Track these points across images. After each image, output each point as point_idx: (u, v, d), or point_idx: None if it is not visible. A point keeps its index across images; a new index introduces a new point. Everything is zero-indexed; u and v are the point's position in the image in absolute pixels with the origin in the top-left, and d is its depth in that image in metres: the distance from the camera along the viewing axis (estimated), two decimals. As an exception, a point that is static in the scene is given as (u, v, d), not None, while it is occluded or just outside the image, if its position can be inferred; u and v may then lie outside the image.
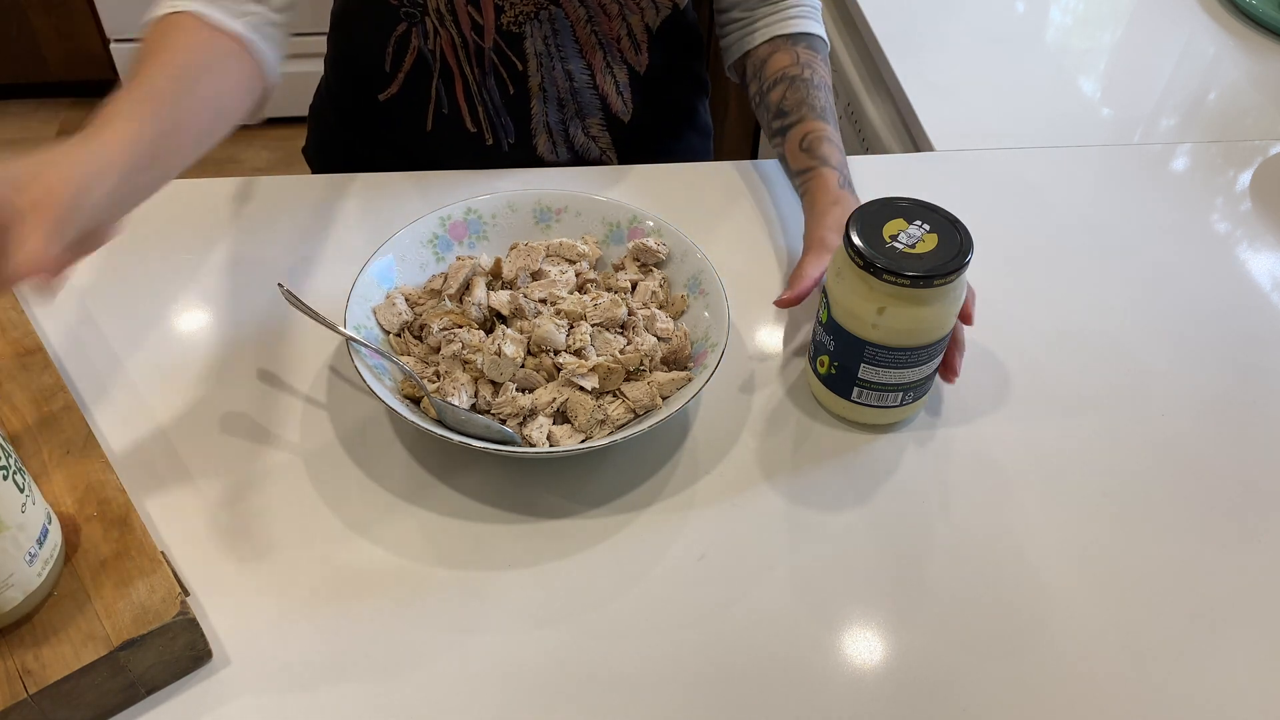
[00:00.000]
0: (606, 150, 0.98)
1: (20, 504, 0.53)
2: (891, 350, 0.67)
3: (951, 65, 1.11)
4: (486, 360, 0.69)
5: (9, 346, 0.70)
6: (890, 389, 0.70)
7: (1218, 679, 0.61)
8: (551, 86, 0.92)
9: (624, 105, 0.95)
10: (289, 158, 2.38)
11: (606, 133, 0.97)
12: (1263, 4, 1.21)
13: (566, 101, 0.93)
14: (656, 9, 0.91)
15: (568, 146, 0.96)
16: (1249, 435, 0.75)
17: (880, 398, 0.70)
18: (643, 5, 0.90)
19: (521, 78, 0.91)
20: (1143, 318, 0.83)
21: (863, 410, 0.72)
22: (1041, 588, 0.65)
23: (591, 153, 0.98)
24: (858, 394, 0.70)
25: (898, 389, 0.70)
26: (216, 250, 0.84)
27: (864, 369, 0.69)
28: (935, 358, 0.69)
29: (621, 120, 0.96)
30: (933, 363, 0.70)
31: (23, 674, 0.53)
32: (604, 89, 0.93)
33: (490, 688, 0.59)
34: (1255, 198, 0.96)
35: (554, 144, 0.95)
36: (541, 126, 0.94)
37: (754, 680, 0.60)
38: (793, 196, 0.92)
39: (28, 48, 2.35)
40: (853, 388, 0.70)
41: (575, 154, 0.97)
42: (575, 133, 0.95)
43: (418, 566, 0.64)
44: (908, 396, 0.71)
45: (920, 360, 0.68)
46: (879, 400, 0.70)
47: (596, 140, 0.97)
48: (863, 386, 0.70)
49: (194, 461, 0.69)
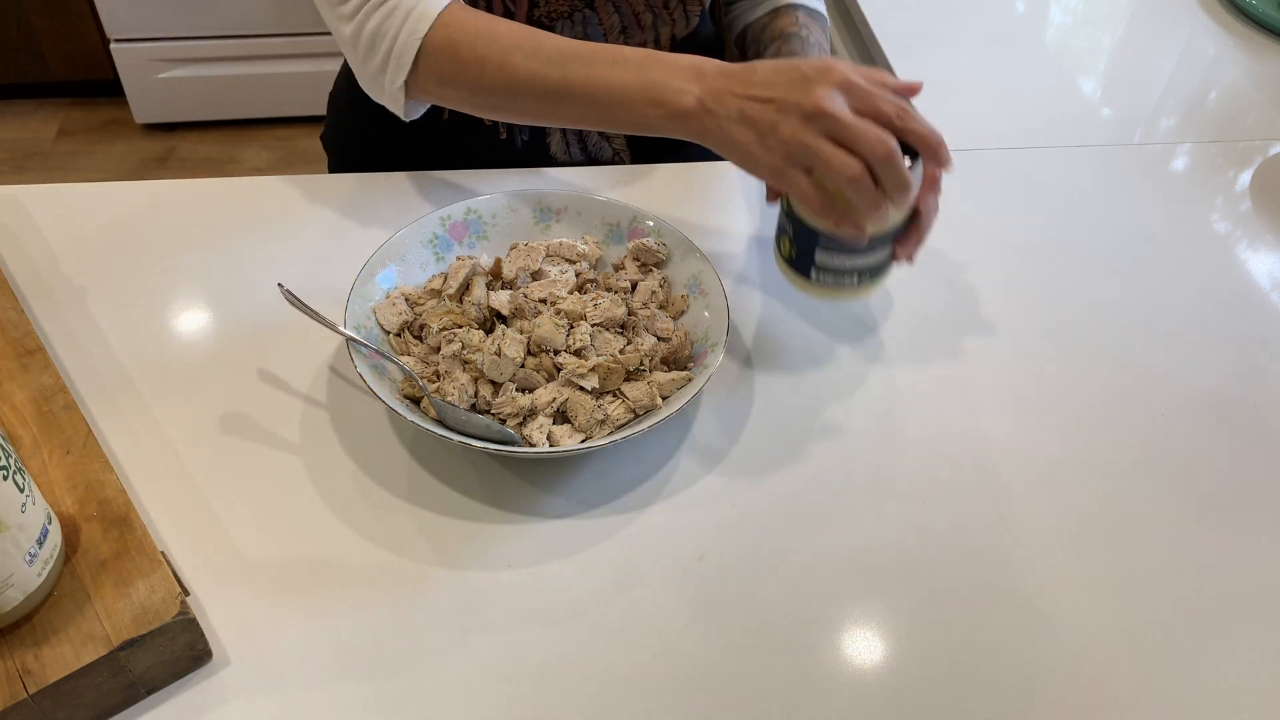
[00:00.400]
0: (620, 151, 0.98)
1: (20, 504, 0.53)
2: (842, 238, 0.71)
3: (951, 65, 1.11)
4: (486, 360, 0.69)
5: (9, 346, 0.70)
6: (845, 272, 0.73)
7: (1218, 679, 0.61)
8: None
9: None
10: (289, 157, 2.39)
11: (622, 135, 0.97)
12: (1263, 4, 1.21)
13: None
14: (687, 19, 0.92)
15: (581, 146, 0.97)
16: (1249, 435, 0.75)
17: (836, 279, 0.73)
18: (674, 16, 0.91)
19: None
20: (1143, 318, 0.83)
21: (821, 289, 0.75)
22: (1041, 587, 0.65)
23: (604, 153, 0.98)
24: (815, 275, 0.74)
25: (852, 272, 0.73)
26: (216, 250, 0.84)
27: (819, 254, 0.72)
28: (885, 246, 0.72)
29: None
30: (883, 250, 0.72)
31: (23, 674, 0.53)
32: None
33: (490, 688, 0.59)
34: (1255, 198, 0.96)
35: (567, 143, 0.96)
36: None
37: (754, 680, 0.60)
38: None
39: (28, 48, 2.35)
40: (810, 269, 0.74)
41: (588, 154, 0.97)
42: (589, 132, 0.96)
43: (418, 566, 0.64)
44: (864, 278, 0.74)
45: (870, 248, 0.71)
46: (835, 281, 0.74)
47: (611, 141, 0.97)
48: (819, 269, 0.73)
49: (194, 461, 0.69)
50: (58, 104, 2.51)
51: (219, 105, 2.41)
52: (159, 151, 2.42)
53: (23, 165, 2.37)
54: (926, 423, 0.74)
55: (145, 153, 2.41)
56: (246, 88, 2.37)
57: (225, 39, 2.28)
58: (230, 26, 2.26)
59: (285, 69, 2.34)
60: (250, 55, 2.31)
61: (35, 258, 0.82)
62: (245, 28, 2.26)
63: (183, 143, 2.44)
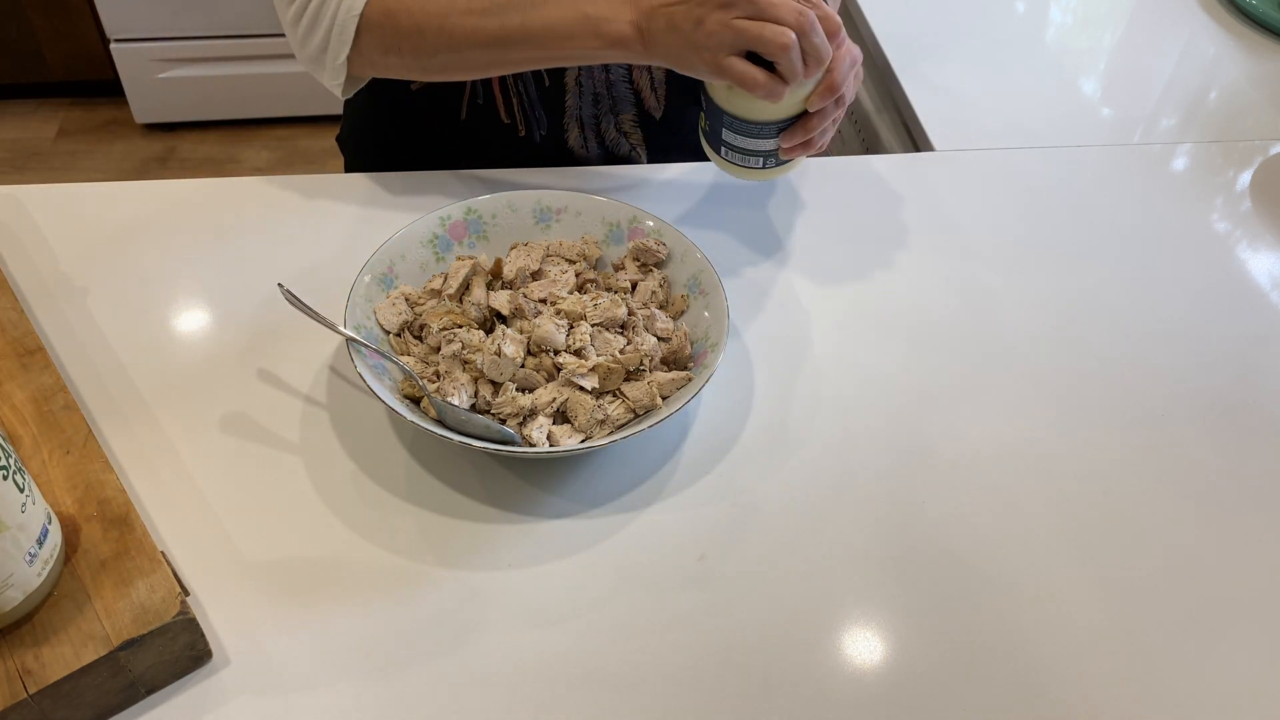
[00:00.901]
0: (637, 146, 0.99)
1: (20, 504, 0.53)
2: (742, 121, 0.76)
3: (951, 65, 1.11)
4: (486, 360, 0.69)
5: (9, 346, 0.70)
6: (750, 153, 0.78)
7: (1218, 679, 0.61)
8: (588, 80, 0.93)
9: (656, 102, 0.96)
10: (289, 158, 2.39)
11: (638, 129, 0.97)
12: (1263, 4, 1.21)
13: (601, 96, 0.94)
14: None
15: (598, 141, 0.97)
16: (1249, 435, 0.75)
17: (743, 158, 0.79)
18: None
19: (559, 70, 0.91)
20: (1142, 317, 0.83)
21: (730, 166, 0.80)
22: (1042, 587, 0.65)
23: (621, 148, 0.98)
24: (725, 152, 0.79)
25: (756, 154, 0.78)
26: (216, 250, 0.84)
27: (726, 134, 0.78)
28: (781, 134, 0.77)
29: (653, 117, 0.97)
30: (782, 138, 0.77)
31: (23, 674, 0.53)
32: (639, 84, 0.94)
33: (490, 688, 0.59)
34: (1255, 198, 0.96)
35: (585, 138, 0.96)
36: (574, 120, 0.95)
37: (754, 680, 0.60)
38: (793, 196, 0.92)
39: (28, 48, 2.34)
40: (721, 147, 0.79)
41: (605, 148, 0.98)
42: (607, 128, 0.96)
43: (418, 566, 0.64)
44: (768, 161, 0.79)
45: (768, 134, 0.76)
46: (742, 160, 0.79)
47: (628, 136, 0.98)
48: (728, 147, 0.79)
49: (194, 461, 0.69)
50: (58, 104, 2.51)
51: (219, 105, 2.41)
52: (159, 151, 2.42)
53: (23, 165, 2.37)
54: (926, 423, 0.74)
55: (145, 153, 2.41)
56: (246, 88, 2.37)
57: (225, 39, 2.28)
58: (230, 26, 2.26)
59: (285, 69, 2.35)
60: (250, 55, 2.31)
61: (35, 258, 0.82)
62: (245, 28, 2.26)
63: (183, 143, 2.44)
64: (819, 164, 0.97)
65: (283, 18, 0.82)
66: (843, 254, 0.87)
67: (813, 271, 0.86)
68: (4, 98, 2.52)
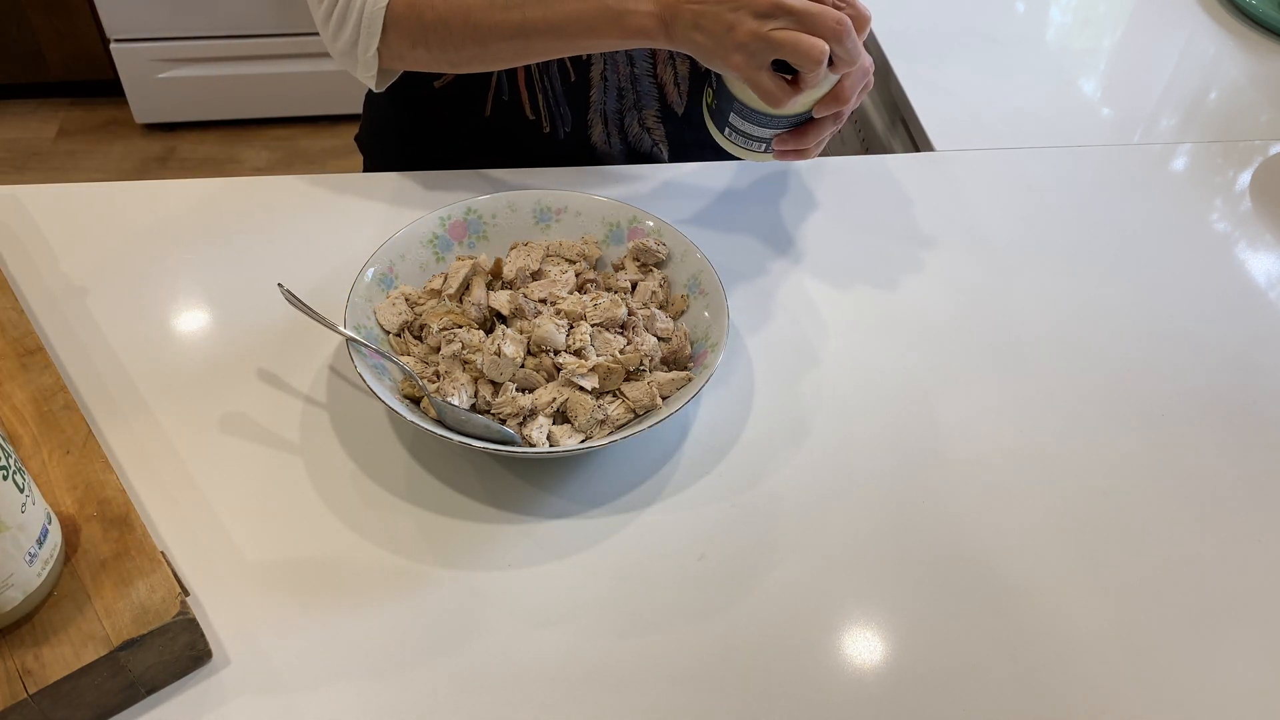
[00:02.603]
0: (659, 142, 0.99)
1: (20, 504, 0.53)
2: (752, 110, 0.75)
3: (951, 65, 1.11)
4: (486, 360, 0.69)
5: (9, 346, 0.70)
6: (754, 139, 0.78)
7: (1218, 679, 0.61)
8: (613, 74, 0.93)
9: (679, 97, 0.96)
10: (289, 157, 2.38)
11: (661, 125, 0.98)
12: (1263, 4, 1.21)
13: (626, 91, 0.94)
14: None
15: (621, 137, 0.97)
16: (1249, 435, 0.75)
17: (746, 141, 0.78)
18: None
19: (584, 65, 0.92)
20: (1142, 317, 0.83)
21: (732, 145, 0.79)
22: (1041, 588, 0.65)
23: (644, 144, 0.98)
24: (728, 133, 0.79)
25: (760, 140, 0.78)
26: (216, 250, 0.84)
27: (733, 118, 0.77)
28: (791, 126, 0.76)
29: (676, 113, 0.97)
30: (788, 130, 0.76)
31: (23, 674, 0.53)
32: (663, 78, 0.95)
33: (490, 688, 0.59)
34: (1255, 198, 0.96)
35: (608, 134, 0.96)
36: (599, 116, 0.95)
37: (754, 681, 0.60)
38: (793, 196, 0.92)
39: (28, 48, 2.34)
40: (725, 127, 0.79)
41: (628, 145, 0.98)
42: (630, 123, 0.96)
43: (418, 566, 0.64)
44: (769, 147, 0.78)
45: (776, 125, 0.76)
46: (744, 143, 0.78)
47: (651, 132, 0.98)
48: (731, 129, 0.78)
49: (194, 461, 0.69)
50: (58, 104, 2.51)
51: (219, 105, 2.41)
52: (159, 151, 2.42)
53: (23, 165, 2.37)
54: (926, 423, 0.74)
55: (145, 153, 2.41)
56: (246, 88, 2.37)
57: (225, 39, 2.28)
58: (230, 26, 2.26)
59: (285, 69, 2.34)
60: (250, 55, 2.31)
61: (35, 258, 0.82)
62: (245, 28, 2.26)
63: (183, 143, 2.44)
64: (819, 164, 0.97)
65: (315, 16, 0.83)
66: (843, 254, 0.88)
67: (813, 271, 0.86)
68: (4, 98, 2.52)
